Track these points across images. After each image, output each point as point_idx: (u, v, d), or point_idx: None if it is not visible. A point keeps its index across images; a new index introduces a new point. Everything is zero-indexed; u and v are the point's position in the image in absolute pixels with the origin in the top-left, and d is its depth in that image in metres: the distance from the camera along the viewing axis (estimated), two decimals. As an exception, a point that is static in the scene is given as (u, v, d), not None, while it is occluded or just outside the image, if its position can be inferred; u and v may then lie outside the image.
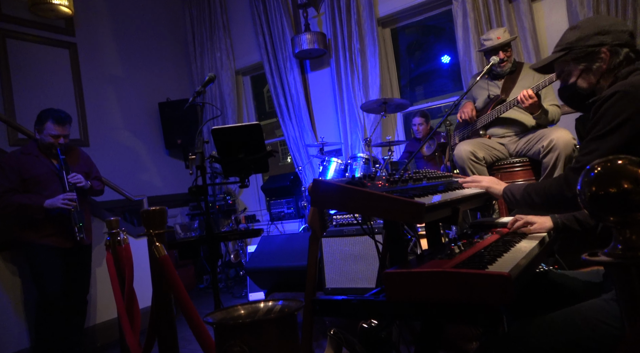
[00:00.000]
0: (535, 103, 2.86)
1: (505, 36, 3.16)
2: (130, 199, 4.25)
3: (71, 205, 2.84)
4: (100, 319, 3.48)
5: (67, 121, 2.99)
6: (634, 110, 1.17)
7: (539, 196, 1.36)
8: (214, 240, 1.73)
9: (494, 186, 1.63)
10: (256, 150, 1.83)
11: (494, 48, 3.15)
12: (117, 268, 2.40)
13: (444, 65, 5.07)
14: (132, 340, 2.01)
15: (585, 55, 1.36)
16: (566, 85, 1.44)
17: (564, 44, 1.41)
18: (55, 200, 2.81)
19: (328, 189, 1.39)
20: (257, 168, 1.87)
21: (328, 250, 3.06)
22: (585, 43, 1.35)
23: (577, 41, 1.37)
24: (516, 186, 1.52)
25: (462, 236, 1.75)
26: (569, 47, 1.39)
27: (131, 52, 5.58)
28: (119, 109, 5.39)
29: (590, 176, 0.59)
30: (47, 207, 2.81)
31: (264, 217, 5.75)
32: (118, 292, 2.28)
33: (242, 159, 1.80)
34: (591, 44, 1.34)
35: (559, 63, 1.44)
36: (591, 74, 1.36)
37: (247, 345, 1.02)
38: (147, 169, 5.61)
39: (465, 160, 2.98)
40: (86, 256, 3.15)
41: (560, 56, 1.41)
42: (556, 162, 2.78)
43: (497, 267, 1.21)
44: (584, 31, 1.37)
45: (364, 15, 4.86)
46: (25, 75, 4.54)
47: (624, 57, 1.34)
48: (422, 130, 4.60)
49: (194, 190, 1.71)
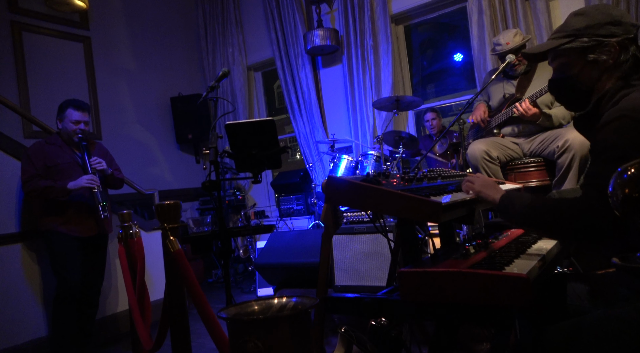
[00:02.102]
0: (536, 113, 2.87)
1: (516, 41, 3.11)
2: (141, 193, 4.27)
3: (94, 184, 2.88)
4: (110, 311, 3.51)
5: (86, 108, 3.08)
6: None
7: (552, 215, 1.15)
8: (227, 236, 1.73)
9: (487, 191, 1.35)
10: (269, 146, 1.83)
11: (503, 54, 3.12)
12: (128, 261, 2.41)
13: (457, 63, 5.03)
14: (144, 332, 2.02)
15: (594, 46, 1.20)
16: (563, 76, 1.27)
17: (569, 30, 1.23)
18: (79, 180, 2.86)
19: (343, 186, 1.38)
20: (270, 164, 1.87)
21: (338, 247, 3.05)
22: (595, 31, 1.19)
23: (586, 29, 1.20)
24: (520, 197, 1.27)
25: (477, 236, 1.73)
26: (575, 34, 1.22)
27: (144, 46, 5.60)
28: (132, 103, 5.42)
29: (624, 178, 0.57)
30: (71, 188, 2.85)
31: (273, 213, 5.76)
32: (130, 285, 2.30)
33: (255, 154, 1.80)
34: (602, 34, 1.19)
35: (559, 51, 1.26)
36: (596, 67, 1.21)
37: (261, 341, 1.02)
38: (158, 163, 5.64)
39: (479, 160, 2.95)
40: (104, 246, 3.19)
41: (565, 43, 1.23)
42: (571, 163, 2.74)
43: (514, 269, 1.20)
44: (594, 18, 1.21)
45: (377, 11, 4.83)
46: (40, 68, 4.58)
47: (631, 54, 1.20)
48: (435, 125, 4.57)
49: (207, 185, 1.71)
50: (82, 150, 2.99)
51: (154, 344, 1.74)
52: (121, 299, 3.58)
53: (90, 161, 2.97)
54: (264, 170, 1.89)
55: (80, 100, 3.09)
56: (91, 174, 2.94)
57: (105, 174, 3.09)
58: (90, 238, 3.05)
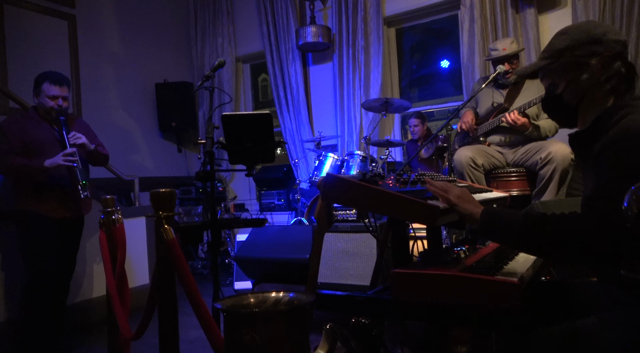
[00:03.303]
0: (525, 123, 2.94)
1: (512, 48, 3.20)
2: (121, 178, 4.18)
3: (73, 161, 2.72)
4: (82, 298, 3.43)
5: (65, 82, 2.87)
6: None
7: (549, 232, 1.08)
8: (218, 227, 1.72)
9: (464, 205, 1.24)
10: (265, 140, 1.82)
11: (499, 59, 3.19)
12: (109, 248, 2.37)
13: (445, 69, 5.09)
14: (123, 320, 1.99)
15: (574, 66, 1.24)
16: (550, 95, 1.32)
17: (552, 50, 1.28)
18: (56, 158, 2.71)
19: (341, 185, 1.39)
20: (264, 158, 1.86)
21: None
22: (574, 52, 1.23)
23: (566, 49, 1.24)
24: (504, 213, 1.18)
25: (464, 241, 1.77)
26: (556, 55, 1.27)
27: (131, 29, 5.47)
28: (115, 86, 5.30)
29: (639, 194, 0.59)
30: (48, 166, 2.70)
31: (253, 207, 5.73)
32: (110, 272, 2.25)
33: (250, 147, 1.79)
34: (581, 54, 1.22)
35: (544, 71, 1.31)
36: (579, 86, 1.24)
37: (258, 335, 1.02)
38: (139, 149, 5.53)
39: (465, 166, 3.01)
40: (80, 230, 3.06)
41: (547, 64, 1.29)
42: (552, 174, 2.83)
43: (505, 275, 1.23)
44: (573, 38, 1.24)
45: (370, 12, 4.85)
46: (21, 43, 4.42)
47: (615, 71, 1.22)
48: (417, 131, 4.62)
49: (201, 175, 1.69)
50: (60, 126, 2.81)
51: (136, 333, 1.72)
52: (96, 285, 3.50)
53: (69, 136, 2.80)
54: (257, 164, 1.88)
55: (59, 73, 2.86)
56: (69, 149, 2.76)
57: (87, 150, 2.91)
58: (67, 221, 2.91)
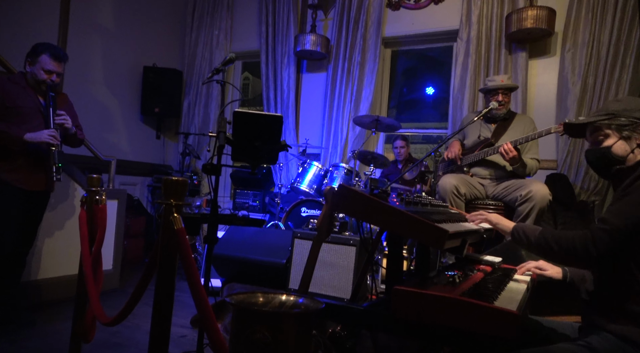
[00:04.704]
0: (515, 156, 3.07)
1: (509, 82, 3.36)
2: (98, 158, 4.04)
3: (55, 141, 2.68)
4: (45, 275, 3.30)
5: (64, 59, 2.84)
6: None
7: (558, 245, 1.41)
8: (217, 222, 1.71)
9: (503, 223, 1.73)
10: (273, 141, 1.84)
11: (496, 88, 3.34)
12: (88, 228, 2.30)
13: (434, 97, 5.25)
14: (96, 302, 1.94)
15: (629, 125, 1.49)
16: (598, 147, 1.54)
17: (609, 110, 1.54)
18: (40, 133, 2.65)
19: (355, 197, 1.42)
20: (268, 158, 1.87)
21: (299, 251, 3.07)
22: (631, 114, 1.49)
23: (624, 111, 1.50)
24: (529, 228, 1.57)
25: (453, 266, 1.83)
26: (614, 114, 1.52)
27: (126, 7, 5.35)
28: (101, 63, 5.15)
29: None
30: (27, 140, 2.63)
31: (226, 205, 5.67)
32: (87, 251, 2.19)
33: (258, 146, 1.80)
34: (637, 117, 1.49)
35: (597, 126, 1.55)
36: (628, 143, 1.50)
37: (269, 333, 1.03)
38: (117, 130, 5.38)
39: (448, 193, 3.11)
40: (45, 204, 2.98)
41: (605, 119, 1.53)
42: (530, 212, 2.96)
43: (501, 303, 1.29)
44: (629, 104, 1.51)
45: (370, 30, 4.94)
46: (8, 8, 4.24)
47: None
48: (403, 153, 4.73)
49: (208, 168, 1.68)
50: (49, 102, 2.75)
51: (116, 318, 1.68)
52: (63, 264, 3.37)
53: (55, 115, 2.75)
54: (262, 163, 1.89)
55: (60, 49, 2.84)
56: (53, 129, 2.72)
57: (68, 133, 2.89)
58: (35, 194, 2.83)
